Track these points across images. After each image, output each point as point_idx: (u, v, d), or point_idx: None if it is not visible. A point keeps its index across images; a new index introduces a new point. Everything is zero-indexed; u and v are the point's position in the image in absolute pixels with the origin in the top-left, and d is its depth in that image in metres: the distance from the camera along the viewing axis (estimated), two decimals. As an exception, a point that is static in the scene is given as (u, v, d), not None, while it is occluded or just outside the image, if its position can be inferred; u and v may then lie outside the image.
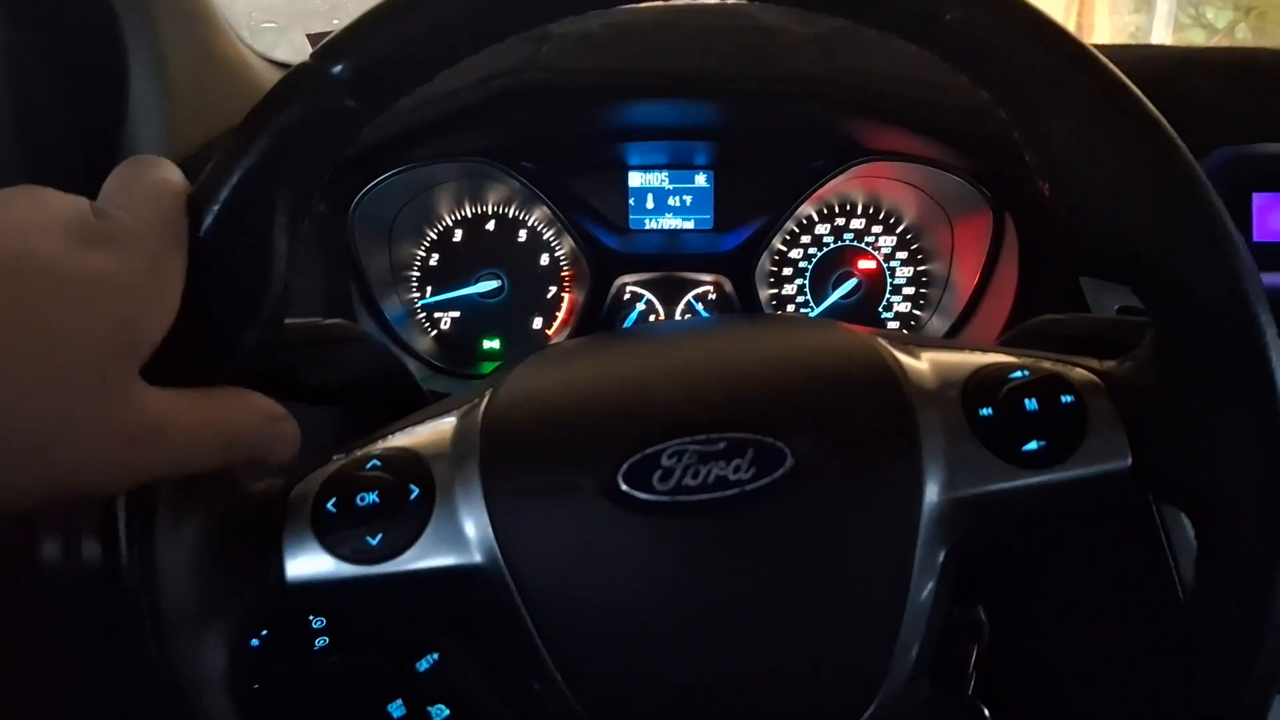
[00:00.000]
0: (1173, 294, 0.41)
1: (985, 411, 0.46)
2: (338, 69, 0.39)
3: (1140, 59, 0.88)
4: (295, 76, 0.40)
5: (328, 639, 0.63)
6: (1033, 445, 0.46)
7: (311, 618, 0.63)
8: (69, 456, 0.32)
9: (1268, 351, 0.39)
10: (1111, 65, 0.39)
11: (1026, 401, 0.46)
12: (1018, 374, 0.47)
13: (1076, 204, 0.42)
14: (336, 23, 0.40)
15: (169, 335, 0.37)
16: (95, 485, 0.34)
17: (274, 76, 0.84)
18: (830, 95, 0.86)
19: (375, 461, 0.47)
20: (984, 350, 0.50)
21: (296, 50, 1.07)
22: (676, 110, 0.93)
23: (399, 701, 0.59)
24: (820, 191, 0.99)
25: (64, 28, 0.75)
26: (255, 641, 0.60)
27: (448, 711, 0.59)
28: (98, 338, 0.33)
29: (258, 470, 0.41)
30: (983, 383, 0.47)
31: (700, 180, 1.05)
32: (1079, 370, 0.48)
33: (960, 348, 0.51)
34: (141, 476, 0.36)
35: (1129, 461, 0.45)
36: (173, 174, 0.40)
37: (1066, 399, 0.46)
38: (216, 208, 0.39)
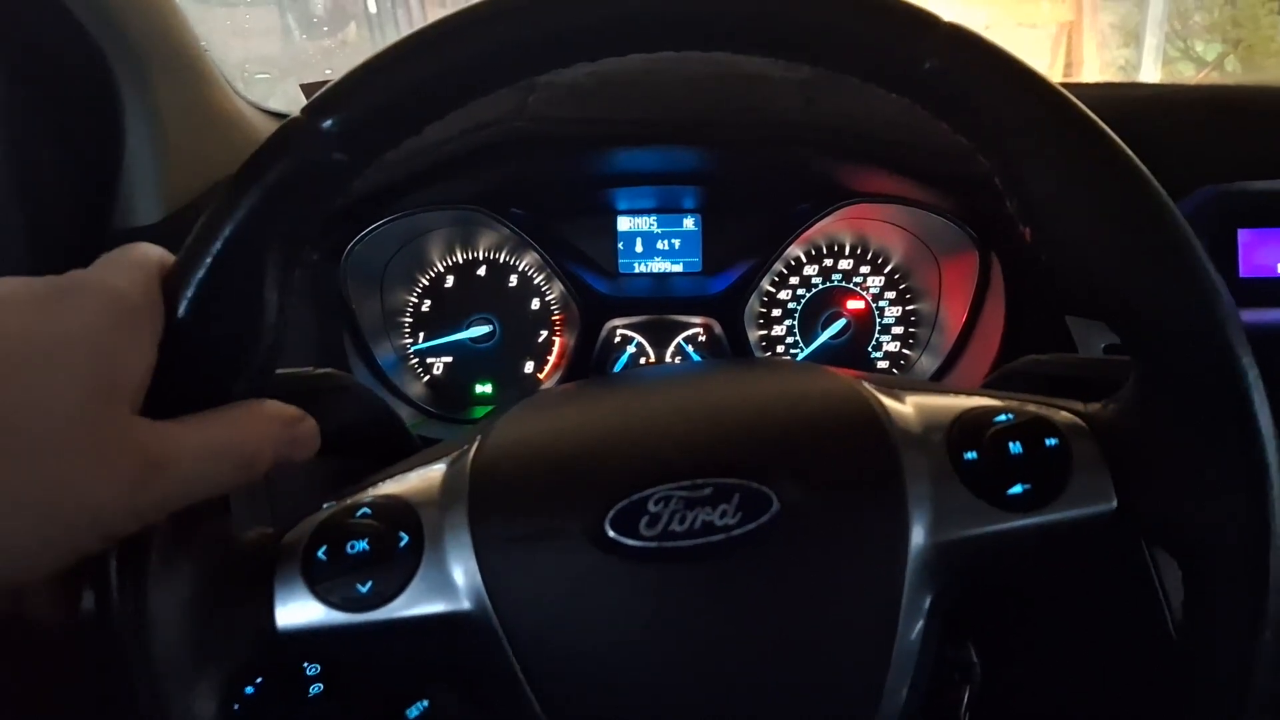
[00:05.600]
0: (1153, 337, 0.41)
1: (970, 455, 0.47)
2: (327, 123, 0.40)
3: (1123, 99, 0.89)
4: (285, 131, 0.40)
5: (322, 686, 0.62)
6: (1018, 489, 0.46)
7: (306, 665, 0.62)
8: (78, 512, 0.33)
9: (1250, 393, 0.39)
10: (1087, 110, 0.40)
11: (1011, 445, 0.46)
12: (1002, 417, 0.48)
13: (1057, 248, 0.42)
14: (329, 72, 0.41)
15: (159, 388, 0.37)
16: (113, 530, 0.34)
17: (269, 126, 0.85)
18: (813, 140, 0.87)
19: (365, 509, 0.47)
20: (968, 393, 0.51)
21: (290, 100, 1.08)
22: (663, 156, 0.94)
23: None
24: (807, 233, 1.00)
25: (60, 83, 0.76)
26: (250, 689, 0.60)
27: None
28: (74, 390, 0.33)
29: (282, 470, 0.41)
30: (967, 426, 0.48)
31: (688, 224, 1.05)
32: (1063, 413, 0.48)
33: (945, 391, 0.51)
34: (156, 511, 0.36)
35: (1114, 504, 0.46)
36: (149, 246, 0.40)
37: (1051, 442, 0.46)
38: (209, 260, 0.39)
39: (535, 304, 1.06)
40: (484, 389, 1.07)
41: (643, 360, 1.05)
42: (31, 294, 0.35)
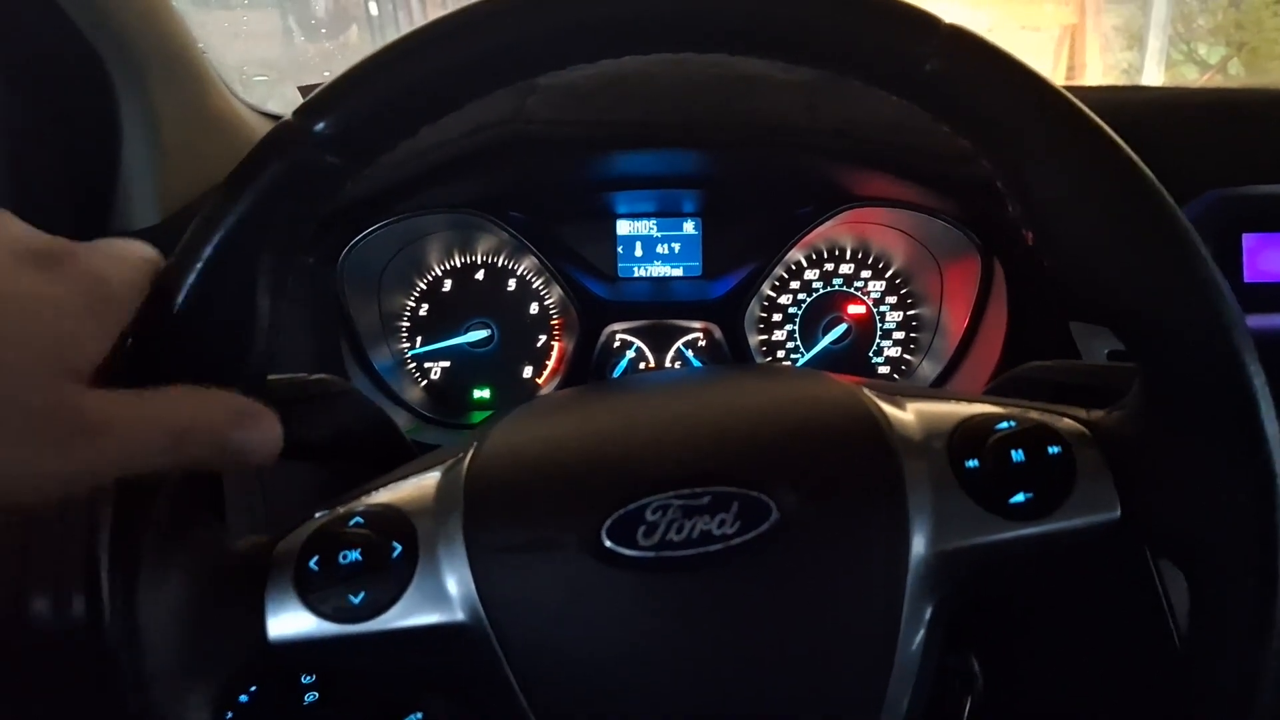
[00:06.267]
0: (1158, 343, 0.41)
1: (972, 463, 0.46)
2: (319, 126, 0.39)
3: (1128, 101, 0.89)
4: (277, 134, 0.40)
5: (318, 694, 0.62)
6: (1020, 497, 0.45)
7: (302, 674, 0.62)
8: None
9: (1255, 400, 0.38)
10: (1091, 114, 0.39)
11: (1013, 453, 0.46)
12: (1004, 424, 0.47)
13: (1060, 252, 0.42)
14: (327, 75, 0.40)
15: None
16: (38, 491, 0.33)
17: (266, 129, 0.84)
18: (815, 143, 0.87)
19: (358, 518, 0.46)
20: (970, 400, 0.50)
21: (288, 103, 1.07)
22: (663, 160, 0.93)
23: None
24: (808, 237, 0.99)
25: (56, 84, 0.75)
26: (244, 698, 0.59)
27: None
28: (24, 347, 0.33)
29: (236, 466, 0.40)
30: (969, 434, 0.47)
31: (688, 228, 1.05)
32: (1066, 420, 0.48)
33: (946, 398, 0.51)
34: (86, 477, 0.34)
35: (1118, 513, 0.45)
36: (144, 245, 0.40)
37: (1054, 450, 0.46)
38: (200, 265, 0.39)
39: (534, 308, 1.05)
40: (482, 394, 1.07)
41: (642, 365, 1.04)
42: (13, 247, 0.35)
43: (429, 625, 0.44)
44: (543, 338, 1.06)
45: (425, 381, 1.07)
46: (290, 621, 0.44)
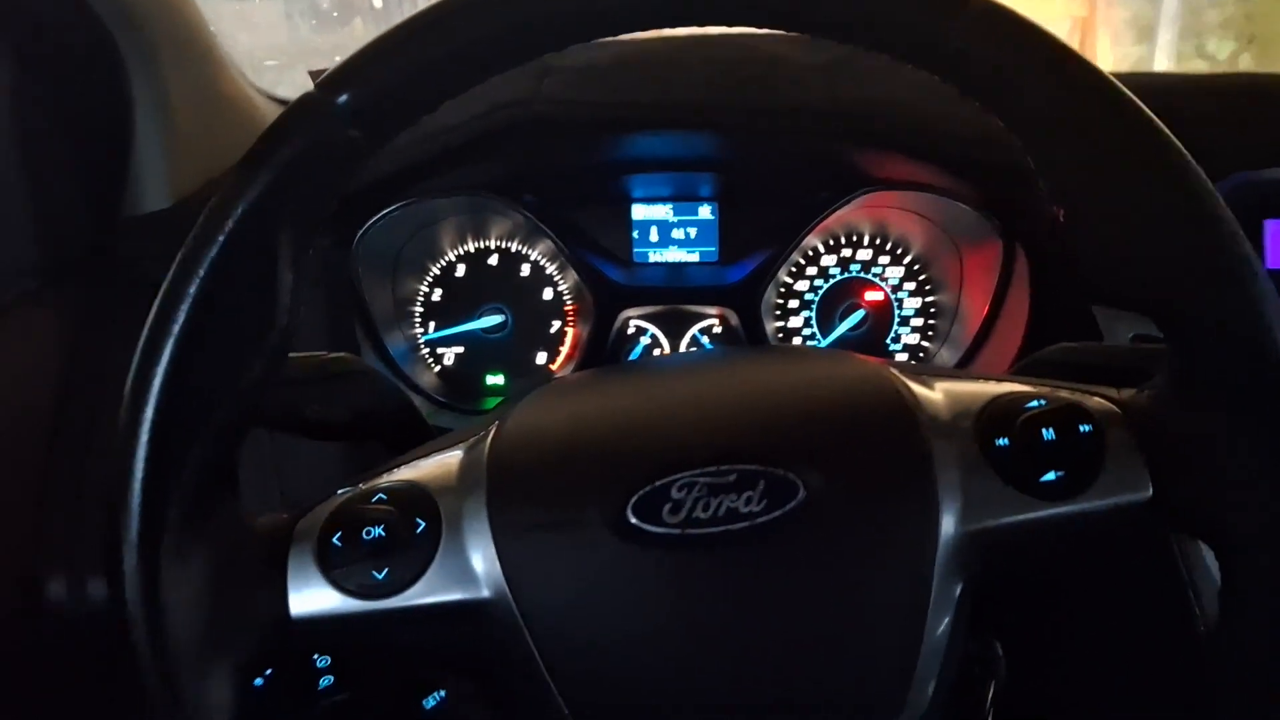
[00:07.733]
0: (1192, 323, 0.40)
1: (1001, 442, 0.45)
2: (342, 99, 0.39)
3: (1149, 85, 0.88)
4: (299, 107, 0.40)
5: (333, 678, 0.62)
6: (1050, 476, 0.45)
7: (316, 656, 0.62)
8: None
9: None
10: (1125, 89, 0.39)
11: (1044, 431, 0.45)
12: (1034, 403, 0.46)
13: (1091, 230, 0.41)
14: (338, 60, 0.40)
15: (176, 365, 0.36)
16: None
17: (277, 113, 0.84)
18: (835, 126, 0.86)
19: (381, 495, 0.46)
20: (999, 380, 0.49)
21: (299, 88, 1.07)
22: (679, 142, 0.93)
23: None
24: (826, 222, 0.98)
25: (68, 68, 0.75)
26: (259, 681, 0.59)
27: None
28: None
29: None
30: (998, 413, 0.47)
31: (704, 212, 1.04)
32: (1096, 399, 0.47)
33: (975, 377, 0.50)
34: None
35: (1149, 492, 0.44)
36: None
37: (1084, 429, 0.45)
38: (222, 239, 0.38)
39: (548, 294, 1.05)
40: (495, 380, 1.07)
41: (657, 351, 1.04)
42: None
43: (453, 602, 0.44)
44: (557, 324, 1.06)
45: (439, 367, 1.07)
46: (313, 598, 0.44)
